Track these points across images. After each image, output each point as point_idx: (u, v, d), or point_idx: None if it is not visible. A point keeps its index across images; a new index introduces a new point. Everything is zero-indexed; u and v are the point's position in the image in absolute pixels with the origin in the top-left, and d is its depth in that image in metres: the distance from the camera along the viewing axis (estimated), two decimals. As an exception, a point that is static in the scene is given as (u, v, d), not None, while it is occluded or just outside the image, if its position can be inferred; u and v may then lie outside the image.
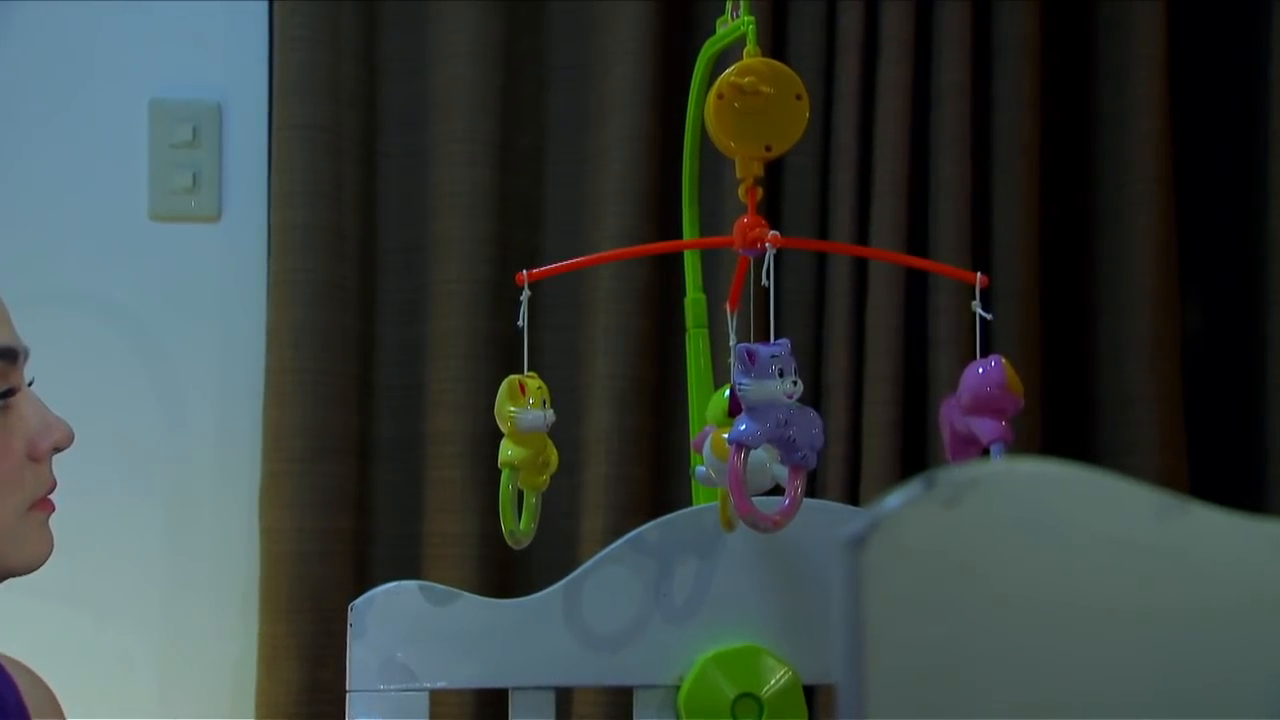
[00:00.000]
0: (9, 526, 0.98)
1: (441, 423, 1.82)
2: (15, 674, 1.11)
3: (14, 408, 0.99)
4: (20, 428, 0.99)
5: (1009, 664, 0.61)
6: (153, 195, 1.86)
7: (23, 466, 0.99)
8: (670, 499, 1.82)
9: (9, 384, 0.98)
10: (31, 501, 1.00)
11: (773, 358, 1.16)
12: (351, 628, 1.39)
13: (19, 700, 1.10)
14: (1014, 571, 0.62)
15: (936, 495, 0.61)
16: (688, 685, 1.42)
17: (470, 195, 1.82)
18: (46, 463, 1.02)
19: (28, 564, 1.00)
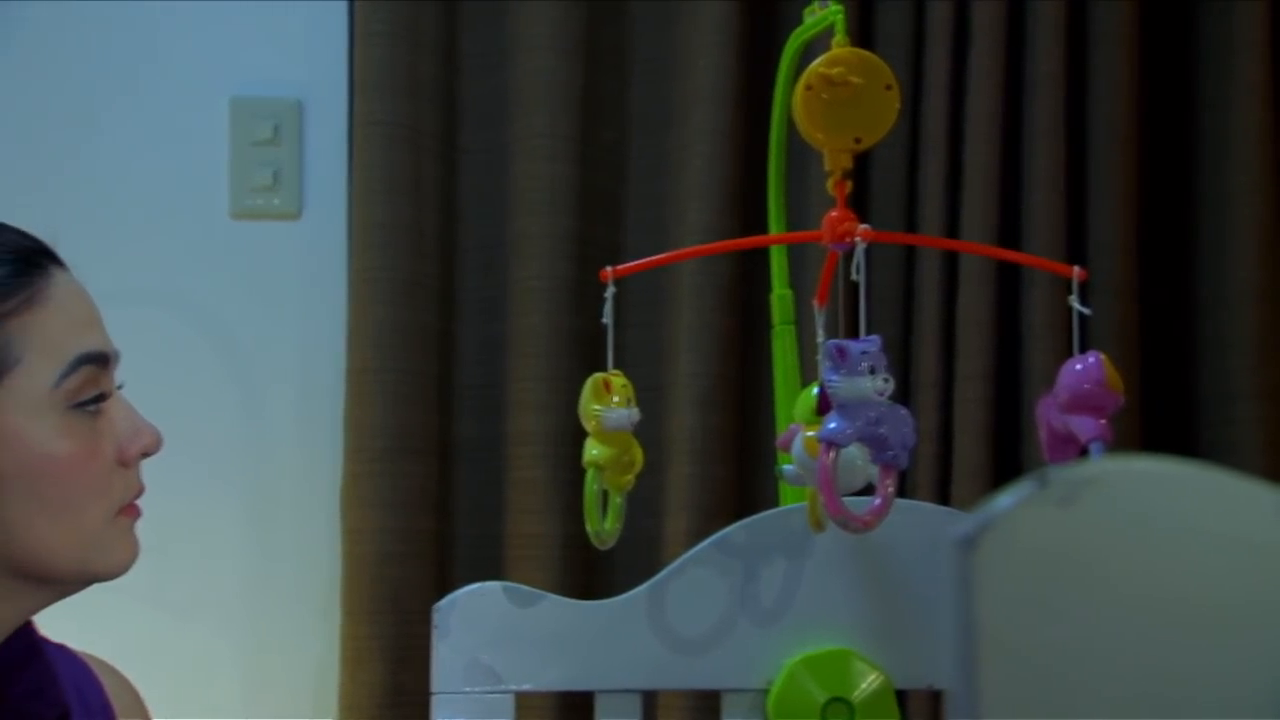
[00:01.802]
0: (96, 532, 0.98)
1: (522, 422, 1.80)
2: (101, 674, 1.11)
3: (104, 412, 0.98)
4: (110, 432, 0.98)
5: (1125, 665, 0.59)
6: (233, 193, 1.86)
7: (111, 471, 0.98)
8: (755, 499, 1.80)
9: (100, 389, 0.98)
10: (119, 507, 1.00)
11: (863, 354, 1.13)
12: (435, 629, 1.38)
13: (105, 700, 1.10)
14: (1130, 571, 0.59)
15: (1050, 494, 0.58)
16: (777, 689, 1.39)
17: (551, 191, 1.81)
18: (135, 468, 1.01)
19: (112, 570, 1.00)
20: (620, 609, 1.40)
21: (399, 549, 1.75)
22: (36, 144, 1.82)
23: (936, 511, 1.49)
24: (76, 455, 0.96)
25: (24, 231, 0.99)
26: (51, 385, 0.95)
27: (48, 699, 1.01)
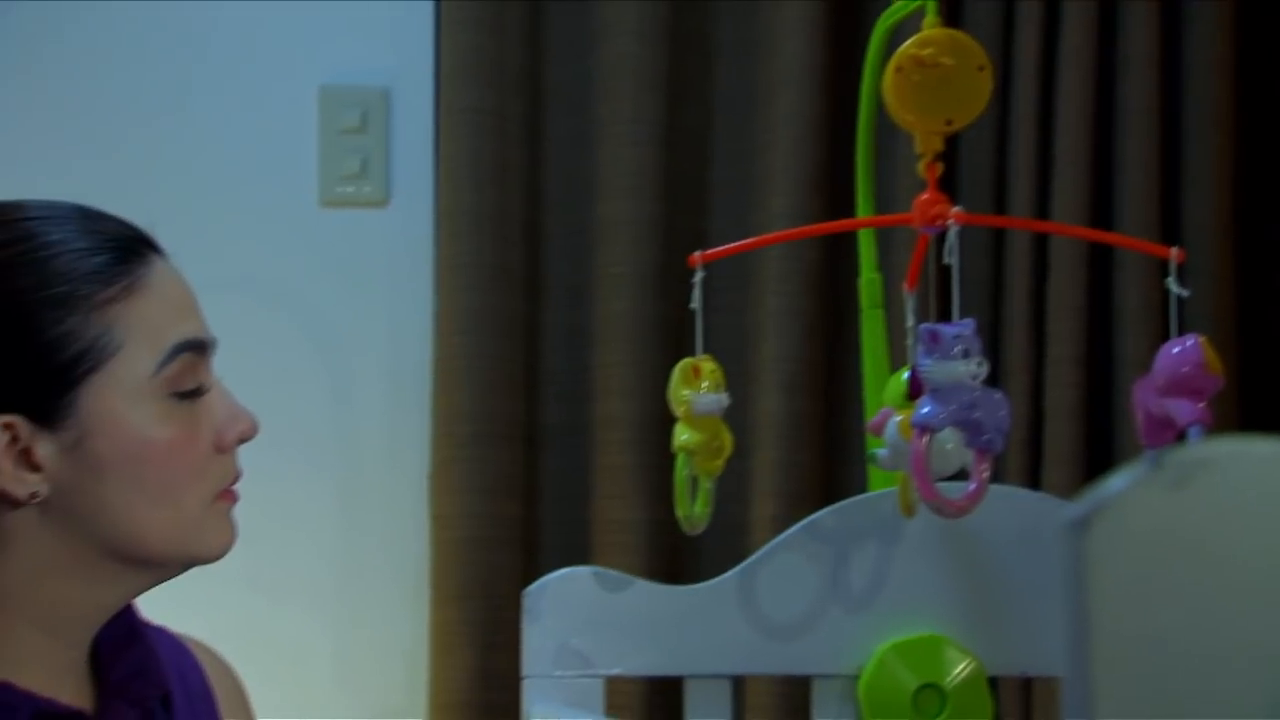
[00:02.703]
0: (194, 517, 0.99)
1: (609, 408, 1.80)
2: (200, 656, 1.13)
3: (202, 399, 0.99)
4: (208, 419, 0.99)
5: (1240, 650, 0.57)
6: (322, 181, 1.87)
7: (209, 458, 0.99)
8: (842, 485, 1.79)
9: (198, 376, 0.99)
10: (216, 492, 1.01)
11: (957, 338, 1.12)
12: (526, 613, 1.38)
13: (204, 681, 1.11)
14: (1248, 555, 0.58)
15: (1164, 476, 0.57)
16: (868, 675, 1.38)
17: (636, 177, 1.80)
18: (232, 454, 1.02)
19: (211, 554, 1.01)
20: (710, 594, 1.40)
21: (487, 534, 1.76)
22: (130, 134, 1.85)
23: (1030, 497, 1.47)
24: (175, 441, 0.97)
25: (124, 220, 1.00)
26: (151, 372, 0.96)
27: (150, 680, 1.03)
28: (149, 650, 1.04)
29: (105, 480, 0.95)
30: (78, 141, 1.84)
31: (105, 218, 1.00)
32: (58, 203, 0.99)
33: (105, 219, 1.00)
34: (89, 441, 0.94)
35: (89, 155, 1.84)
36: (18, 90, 1.84)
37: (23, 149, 1.83)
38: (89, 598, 0.98)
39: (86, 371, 0.94)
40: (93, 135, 1.85)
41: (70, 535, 0.95)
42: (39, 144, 1.84)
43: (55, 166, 1.83)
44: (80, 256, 0.95)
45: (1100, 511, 0.56)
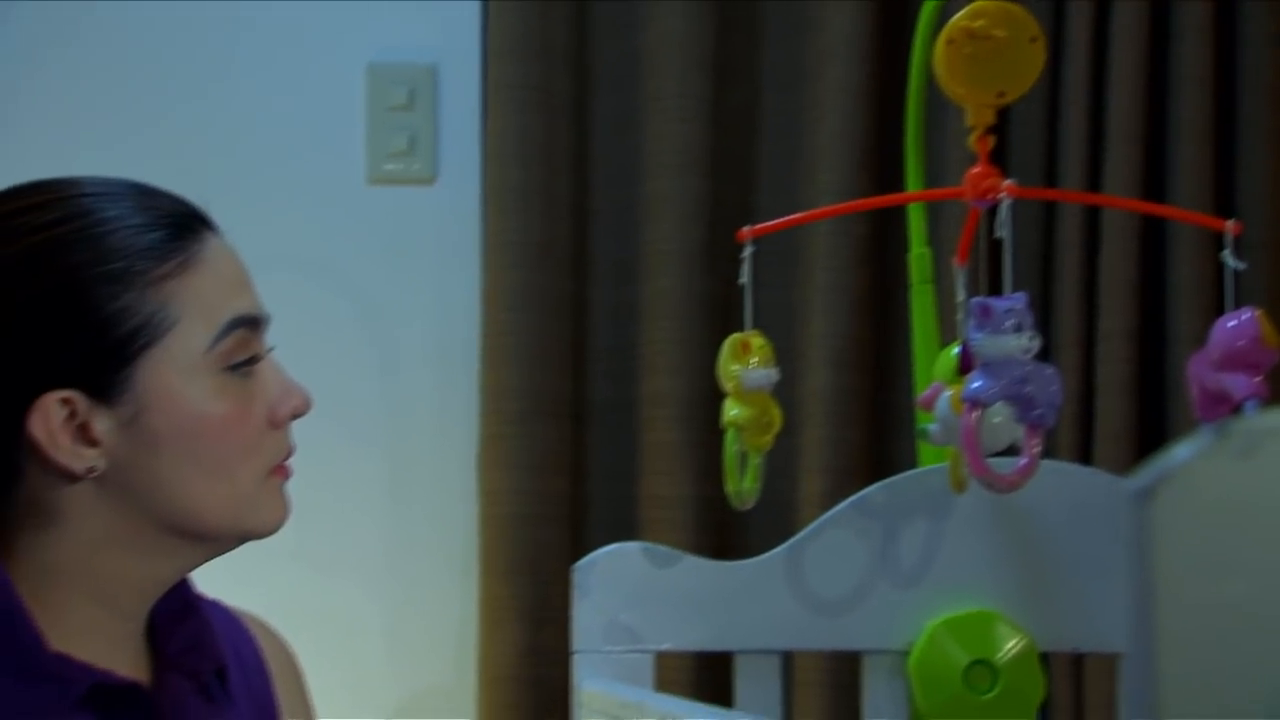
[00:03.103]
0: (248, 492, 0.99)
1: (656, 385, 1.80)
2: (254, 629, 1.14)
3: (256, 374, 1.00)
4: (261, 394, 1.00)
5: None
6: (370, 159, 1.88)
7: (263, 433, 1.00)
8: (890, 461, 1.78)
9: (251, 351, 0.99)
10: (270, 467, 1.01)
11: (1008, 311, 1.11)
12: (575, 589, 1.39)
13: (258, 654, 1.12)
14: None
15: (1230, 445, 0.56)
16: (918, 651, 1.38)
17: (683, 154, 1.80)
18: (285, 429, 1.02)
19: (265, 528, 1.02)
20: (759, 570, 1.40)
21: (535, 510, 1.77)
22: (180, 112, 1.86)
23: (1082, 472, 1.47)
24: (229, 416, 0.97)
25: (178, 196, 1.01)
26: (206, 347, 0.96)
27: (205, 652, 1.04)
28: (204, 623, 1.05)
29: (161, 455, 0.96)
30: (127, 119, 1.85)
31: (160, 194, 1.00)
32: (113, 179, 1.00)
33: (160, 195, 1.00)
34: (145, 416, 0.95)
35: (138, 133, 1.85)
36: (69, 68, 1.86)
37: (75, 127, 1.85)
38: (145, 571, 0.99)
39: (142, 347, 0.94)
40: (142, 113, 1.86)
41: (126, 509, 0.96)
42: (90, 122, 1.85)
43: (106, 144, 1.84)
44: (136, 233, 0.96)
45: (1166, 481, 0.55)
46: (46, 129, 1.84)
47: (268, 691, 1.11)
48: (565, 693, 1.62)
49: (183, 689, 1.01)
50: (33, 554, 0.95)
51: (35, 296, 0.93)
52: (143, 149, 1.83)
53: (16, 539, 0.95)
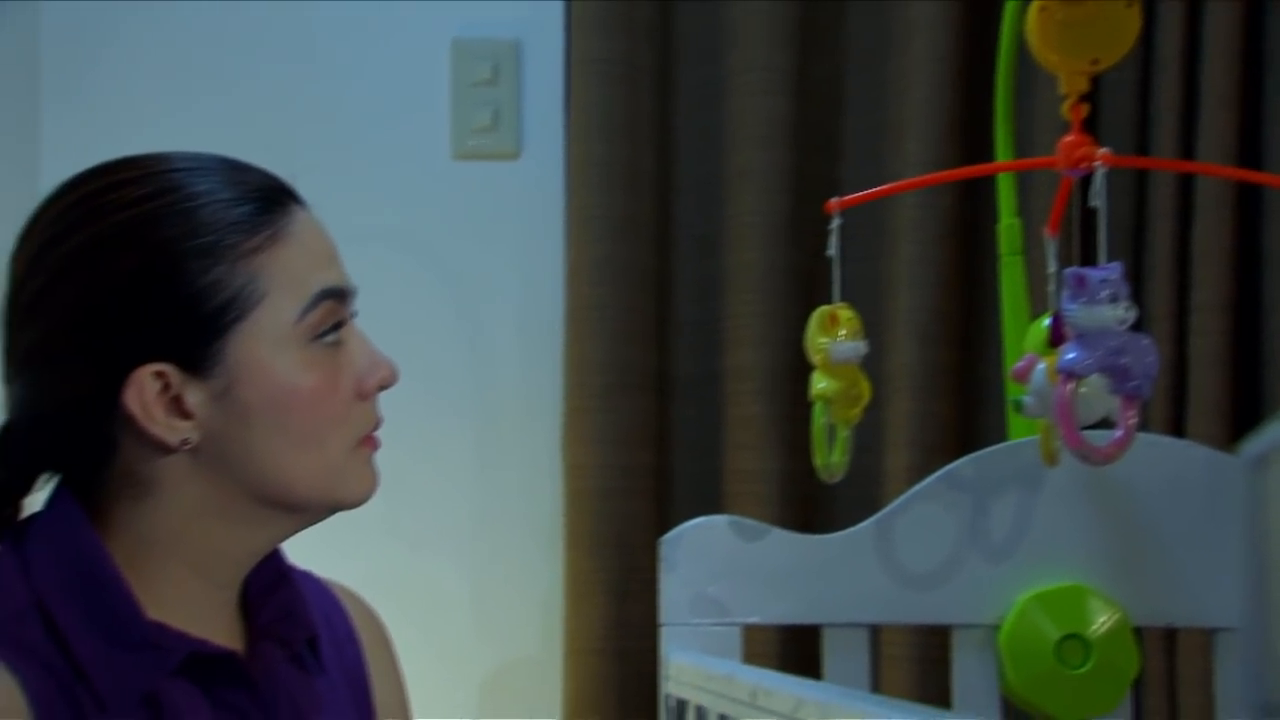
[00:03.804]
0: (337, 463, 1.00)
1: (740, 358, 1.79)
2: (345, 601, 1.15)
3: (344, 347, 1.00)
4: (349, 366, 1.00)
5: None
6: (455, 134, 1.88)
7: (351, 404, 1.00)
8: (978, 435, 1.76)
9: (339, 323, 1.00)
10: (358, 438, 1.02)
11: (1104, 282, 1.09)
12: (662, 562, 1.39)
13: (349, 624, 1.13)
14: None
15: (1345, 413, 0.54)
16: (1009, 625, 1.36)
17: (767, 126, 1.79)
18: (373, 401, 1.03)
19: (354, 499, 1.02)
20: (846, 543, 1.39)
21: (620, 484, 1.77)
22: (266, 89, 1.88)
23: (1177, 445, 1.44)
24: (318, 388, 0.98)
25: (266, 170, 1.01)
26: (294, 320, 0.97)
27: (297, 622, 1.05)
28: (296, 593, 1.06)
29: (252, 426, 0.96)
30: (215, 95, 1.87)
31: (249, 169, 1.01)
32: (202, 154, 1.00)
33: (249, 170, 1.01)
34: (236, 389, 0.95)
35: (226, 108, 1.87)
36: (159, 44, 1.88)
37: (164, 102, 1.87)
38: (238, 541, 1.00)
39: (233, 320, 0.95)
40: (231, 88, 1.87)
41: (219, 480, 0.97)
42: (179, 98, 1.87)
43: (195, 119, 1.86)
44: (225, 207, 0.96)
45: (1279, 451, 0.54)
46: (136, 104, 1.87)
47: (359, 661, 1.12)
48: (651, 665, 1.63)
49: (276, 658, 1.02)
50: (129, 525, 0.96)
51: (128, 271, 0.94)
52: (231, 124, 1.85)
53: (113, 510, 0.97)
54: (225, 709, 0.96)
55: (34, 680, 0.88)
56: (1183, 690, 1.63)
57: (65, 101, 1.87)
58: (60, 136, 1.86)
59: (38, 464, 0.98)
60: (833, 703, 0.92)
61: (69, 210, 0.96)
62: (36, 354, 0.95)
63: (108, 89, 1.87)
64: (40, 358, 0.95)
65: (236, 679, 0.97)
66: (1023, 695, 1.39)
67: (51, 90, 1.88)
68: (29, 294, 0.95)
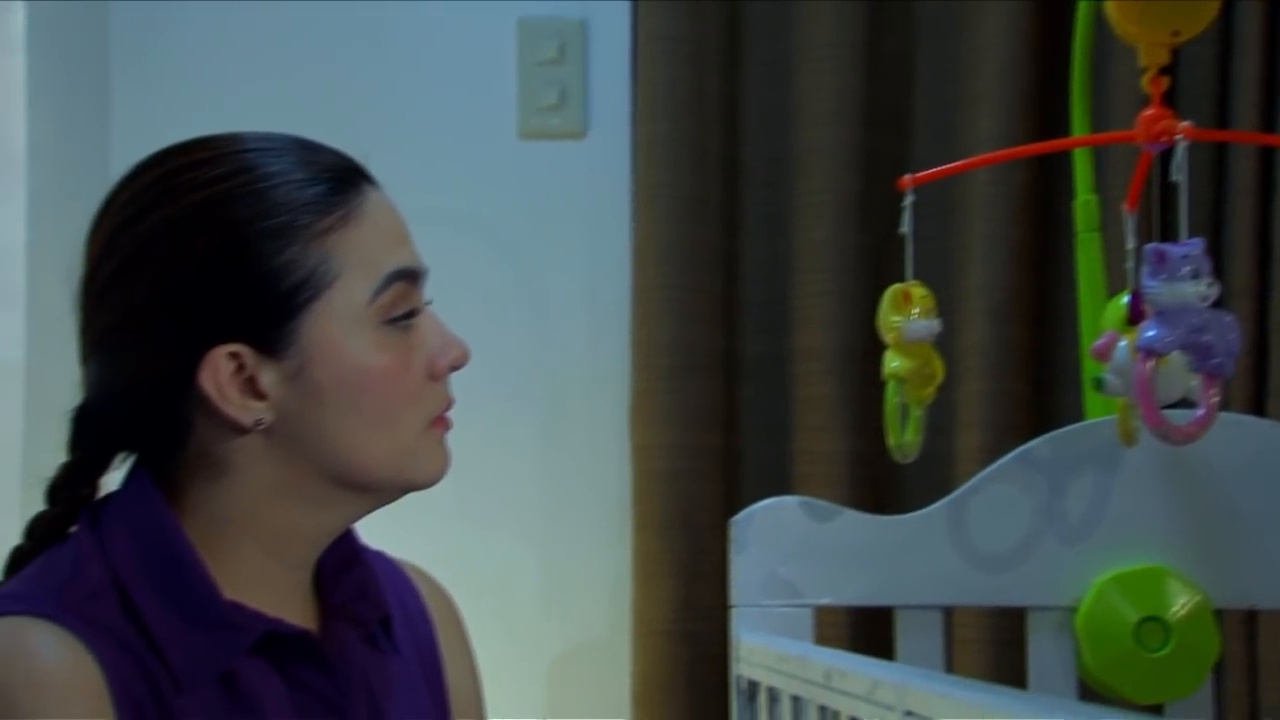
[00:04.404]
0: (409, 443, 1.00)
1: (809, 338, 1.78)
2: (417, 582, 1.14)
3: (415, 327, 1.00)
4: (421, 346, 1.00)
5: None
6: (521, 113, 1.88)
7: (423, 384, 1.00)
8: (1053, 415, 1.74)
9: (411, 304, 0.99)
10: (431, 419, 1.01)
11: (1185, 258, 1.07)
12: (733, 543, 1.38)
13: (421, 604, 1.13)
14: None
15: None
16: (1086, 607, 1.35)
17: (836, 103, 1.77)
18: (444, 381, 1.03)
19: (427, 479, 1.02)
20: (919, 524, 1.38)
21: (688, 465, 1.76)
22: (334, 69, 1.88)
23: (1260, 425, 1.42)
24: (390, 368, 0.98)
25: (339, 150, 1.01)
26: (367, 300, 0.96)
27: (371, 602, 1.05)
28: (369, 573, 1.06)
29: (325, 407, 0.96)
30: (284, 77, 1.88)
31: (321, 149, 1.00)
32: (275, 134, 1.00)
33: (321, 150, 1.00)
34: (309, 369, 0.95)
35: (295, 89, 1.87)
36: (229, 29, 1.89)
37: (234, 83, 1.88)
38: (311, 521, 1.00)
39: (306, 300, 0.95)
40: (297, 70, 1.88)
41: (293, 460, 0.97)
42: (249, 79, 1.88)
43: (264, 100, 1.87)
44: (298, 187, 0.96)
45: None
46: (205, 85, 1.88)
47: (431, 641, 1.12)
48: (720, 647, 1.62)
49: (349, 637, 1.02)
50: (205, 505, 0.97)
51: (202, 252, 0.94)
52: (299, 104, 1.86)
53: (189, 491, 0.97)
54: (300, 688, 0.96)
55: (111, 657, 0.88)
56: (1264, 674, 1.61)
57: (135, 83, 1.89)
58: (130, 118, 1.88)
59: (114, 444, 0.98)
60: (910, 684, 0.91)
61: (143, 192, 0.96)
62: (112, 335, 0.96)
63: (176, 70, 1.89)
64: (116, 339, 0.95)
65: (311, 658, 0.97)
66: (1100, 678, 1.37)
67: (121, 72, 1.89)
68: (104, 275, 0.95)
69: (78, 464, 0.98)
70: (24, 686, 0.84)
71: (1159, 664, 1.34)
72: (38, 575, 0.92)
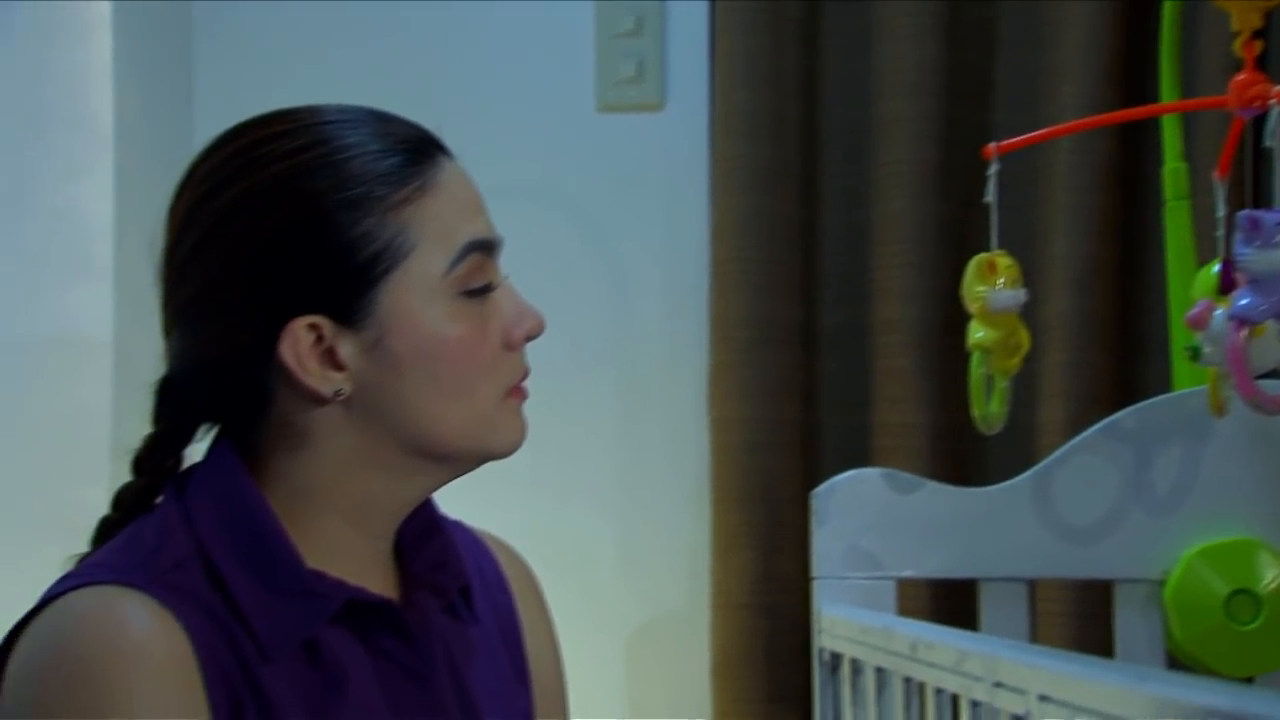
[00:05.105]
0: (487, 413, 1.00)
1: (888, 310, 1.76)
2: (496, 552, 1.15)
3: (491, 298, 1.00)
4: (497, 317, 1.00)
5: None
6: (599, 86, 1.87)
7: (499, 354, 1.00)
8: (1138, 386, 1.71)
9: (486, 275, 0.99)
10: (507, 389, 1.01)
11: (1279, 225, 1.04)
12: (814, 515, 1.37)
13: (500, 574, 1.13)
14: None
15: None
16: (1174, 580, 1.32)
17: (916, 72, 1.75)
18: (521, 351, 1.02)
19: (504, 448, 1.02)
20: (1004, 496, 1.36)
21: (766, 438, 1.75)
22: (411, 41, 1.89)
23: (1354, 395, 1.38)
24: (467, 338, 0.98)
25: (414, 122, 1.01)
26: (443, 271, 0.96)
27: (450, 571, 1.05)
28: (449, 543, 1.06)
29: (403, 377, 0.96)
30: (362, 48, 1.89)
31: (397, 120, 1.00)
32: (351, 106, 1.00)
33: (397, 121, 1.00)
34: (387, 340, 0.95)
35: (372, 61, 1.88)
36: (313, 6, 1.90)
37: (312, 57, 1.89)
38: (391, 491, 1.00)
39: (383, 272, 0.95)
40: (375, 42, 1.89)
41: (372, 431, 0.97)
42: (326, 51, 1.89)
43: (341, 73, 1.88)
44: (375, 158, 0.96)
45: None
46: (283, 56, 1.90)
47: (511, 610, 1.12)
48: (799, 620, 1.61)
49: (430, 606, 1.02)
50: (286, 476, 0.97)
51: (281, 224, 0.94)
52: (376, 76, 1.86)
53: (270, 461, 0.98)
54: (382, 656, 0.97)
55: (198, 626, 0.89)
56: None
57: (216, 57, 1.90)
58: (212, 92, 1.89)
59: (197, 415, 0.99)
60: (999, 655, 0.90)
61: (222, 165, 0.97)
62: (194, 307, 0.96)
63: (257, 44, 1.90)
64: (197, 311, 0.96)
65: (393, 627, 0.98)
66: (1189, 651, 1.35)
67: (203, 46, 1.91)
68: (185, 249, 0.96)
69: (162, 436, 0.99)
70: (115, 655, 0.85)
71: (1249, 637, 1.32)
72: (125, 545, 0.93)
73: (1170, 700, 0.70)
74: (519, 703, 1.08)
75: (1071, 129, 1.60)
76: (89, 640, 0.86)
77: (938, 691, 1.08)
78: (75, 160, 1.65)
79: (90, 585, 0.89)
